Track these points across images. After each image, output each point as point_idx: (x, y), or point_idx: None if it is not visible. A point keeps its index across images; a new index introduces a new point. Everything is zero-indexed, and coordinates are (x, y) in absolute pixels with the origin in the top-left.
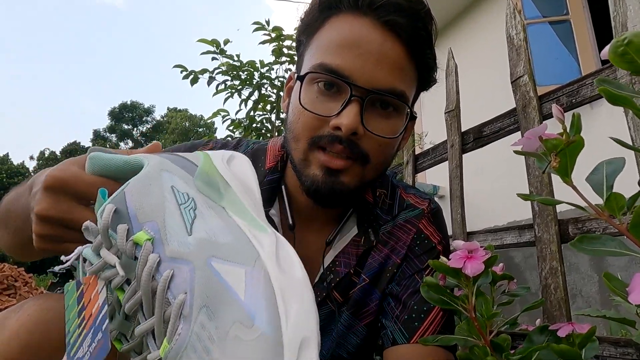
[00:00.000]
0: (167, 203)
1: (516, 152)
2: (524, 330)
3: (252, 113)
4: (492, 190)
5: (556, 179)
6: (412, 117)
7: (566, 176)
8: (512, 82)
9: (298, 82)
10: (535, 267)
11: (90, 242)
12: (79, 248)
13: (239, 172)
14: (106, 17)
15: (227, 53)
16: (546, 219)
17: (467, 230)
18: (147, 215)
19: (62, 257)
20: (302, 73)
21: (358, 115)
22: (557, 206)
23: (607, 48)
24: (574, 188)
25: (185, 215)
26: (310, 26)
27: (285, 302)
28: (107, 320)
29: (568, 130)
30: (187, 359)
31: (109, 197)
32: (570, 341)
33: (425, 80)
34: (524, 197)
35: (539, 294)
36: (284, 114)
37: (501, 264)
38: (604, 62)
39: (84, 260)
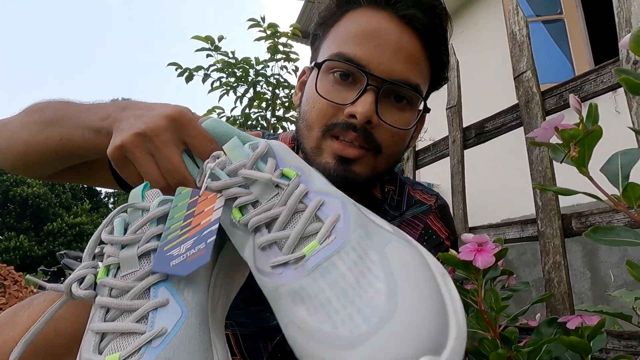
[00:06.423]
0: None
1: (532, 143)
2: (524, 324)
3: (247, 110)
4: (489, 187)
5: (559, 175)
6: (426, 111)
7: (583, 166)
8: (514, 78)
9: (315, 71)
10: (529, 264)
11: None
12: (208, 163)
13: None
14: (99, 14)
15: (221, 50)
16: (549, 213)
17: (469, 226)
18: (291, 162)
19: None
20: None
21: (373, 104)
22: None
23: (627, 38)
24: (590, 178)
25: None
26: (328, 20)
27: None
28: (214, 236)
29: (584, 120)
30: (340, 257)
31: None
32: (579, 333)
33: (438, 77)
34: (540, 187)
35: (532, 291)
36: (297, 108)
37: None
38: (597, 61)
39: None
